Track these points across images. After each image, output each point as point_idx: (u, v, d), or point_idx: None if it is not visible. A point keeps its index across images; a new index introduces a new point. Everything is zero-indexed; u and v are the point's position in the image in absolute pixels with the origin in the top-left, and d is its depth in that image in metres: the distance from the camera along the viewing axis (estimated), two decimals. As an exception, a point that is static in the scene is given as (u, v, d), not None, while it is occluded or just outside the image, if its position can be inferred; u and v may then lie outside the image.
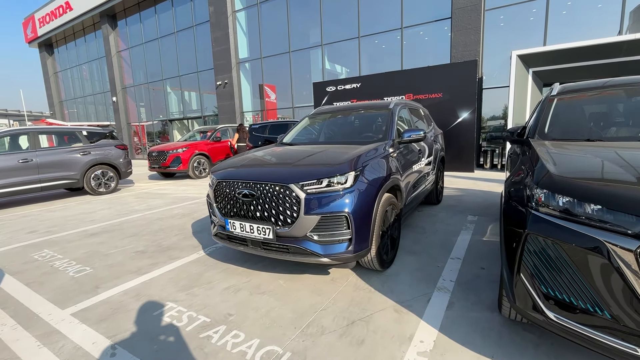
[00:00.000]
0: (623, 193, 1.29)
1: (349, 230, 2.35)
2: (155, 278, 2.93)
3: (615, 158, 1.62)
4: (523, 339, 1.90)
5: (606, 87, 2.55)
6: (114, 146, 7.87)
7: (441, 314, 2.19)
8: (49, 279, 3.01)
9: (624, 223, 1.23)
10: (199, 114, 17.83)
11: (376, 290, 2.54)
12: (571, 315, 1.36)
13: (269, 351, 1.87)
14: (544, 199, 1.52)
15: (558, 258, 1.40)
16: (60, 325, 2.25)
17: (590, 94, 2.56)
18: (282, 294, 2.53)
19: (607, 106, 2.51)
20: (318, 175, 2.37)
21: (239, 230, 2.58)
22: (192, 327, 2.15)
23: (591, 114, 2.53)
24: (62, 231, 4.61)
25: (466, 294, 2.43)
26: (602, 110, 2.51)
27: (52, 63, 26.11)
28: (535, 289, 1.50)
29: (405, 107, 4.13)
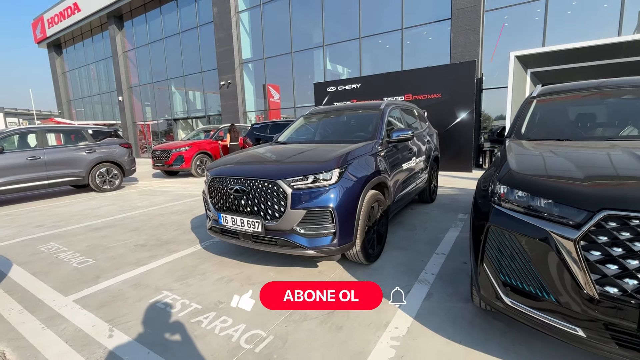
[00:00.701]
0: (568, 188, 1.41)
1: (333, 224, 2.48)
2: (153, 269, 3.09)
3: (574, 157, 1.73)
4: (492, 327, 2.02)
5: (584, 89, 2.65)
6: (119, 145, 8.09)
7: (419, 304, 2.31)
8: (54, 269, 3.19)
9: (567, 215, 1.35)
10: (203, 114, 18.07)
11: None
12: (523, 300, 1.48)
13: (253, 335, 2.01)
14: (505, 194, 1.64)
15: (514, 248, 1.52)
16: (63, 310, 2.41)
17: (567, 95, 2.66)
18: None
19: (582, 108, 2.61)
20: (304, 172, 2.51)
21: (230, 223, 2.73)
22: (185, 313, 2.30)
23: (566, 115, 2.63)
24: (67, 225, 4.81)
25: (445, 286, 2.55)
26: (577, 112, 2.61)
27: (61, 63, 26.59)
28: (495, 277, 1.62)
29: (397, 108, 4.25)
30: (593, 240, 1.27)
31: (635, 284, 1.19)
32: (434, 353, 1.80)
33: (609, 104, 2.52)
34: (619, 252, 1.22)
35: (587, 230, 1.27)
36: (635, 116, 2.42)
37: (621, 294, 1.21)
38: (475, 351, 1.81)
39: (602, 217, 1.25)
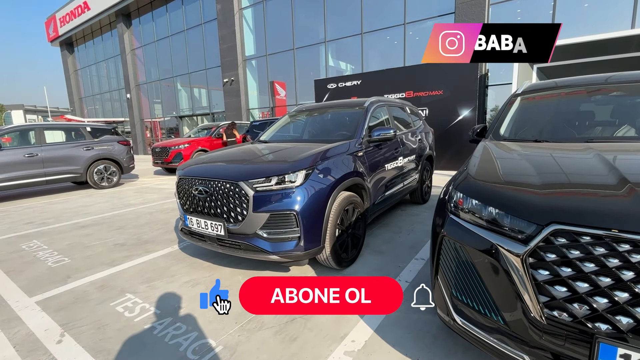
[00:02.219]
0: (519, 197, 1.26)
1: (297, 228, 2.37)
2: (124, 270, 3.05)
3: (540, 161, 1.56)
4: (455, 343, 1.87)
5: (571, 86, 2.44)
6: (117, 142, 8.14)
7: (382, 314, 2.18)
8: (28, 268, 3.18)
9: (518, 227, 1.20)
10: (207, 111, 18.14)
11: (329, 288, 2.54)
12: (472, 320, 1.34)
13: (202, 344, 1.92)
14: (461, 201, 1.49)
15: (465, 262, 1.38)
16: (22, 312, 2.38)
17: (552, 93, 2.46)
18: (237, 290, 2.57)
19: (566, 107, 2.40)
20: (267, 173, 2.40)
21: (196, 226, 2.65)
22: (141, 317, 2.23)
23: (548, 114, 2.42)
24: (55, 223, 4.84)
25: (416, 295, 2.40)
26: (560, 111, 2.40)
27: (73, 61, 27.13)
28: (447, 293, 1.48)
29: (384, 106, 4.08)
30: (541, 258, 1.12)
31: (585, 309, 1.04)
32: (385, 371, 1.67)
33: (597, 102, 2.32)
34: (568, 273, 1.06)
35: (535, 245, 1.12)
36: (627, 115, 2.22)
37: (571, 320, 1.06)
38: (431, 370, 1.68)
39: (550, 232, 1.09)
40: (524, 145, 1.92)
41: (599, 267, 1.02)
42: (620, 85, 2.29)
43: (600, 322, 1.01)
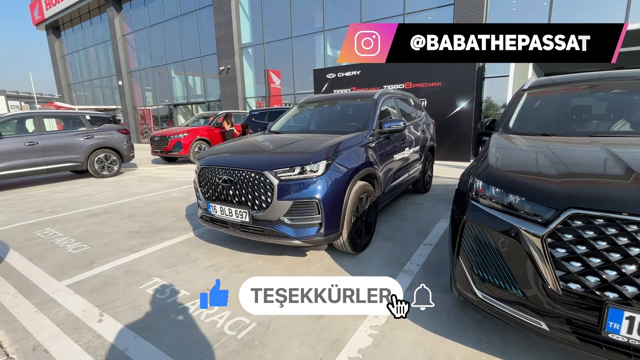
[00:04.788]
0: (538, 185, 1.42)
1: (319, 215, 2.52)
2: (146, 256, 3.16)
3: (552, 153, 1.73)
4: (469, 318, 2.07)
5: (577, 82, 2.61)
6: (117, 130, 8.10)
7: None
8: (49, 255, 3.27)
9: (537, 212, 1.37)
10: (202, 99, 17.95)
11: (346, 271, 2.72)
12: (494, 294, 1.52)
13: (237, 321, 2.08)
14: (482, 190, 1.65)
15: (487, 243, 1.55)
16: (56, 294, 2.49)
17: (558, 89, 2.62)
18: (259, 273, 2.73)
19: (572, 102, 2.58)
20: (291, 163, 2.53)
21: (219, 213, 2.77)
22: (172, 299, 2.37)
23: (555, 109, 2.60)
24: (64, 211, 4.89)
25: (428, 277, 2.60)
26: (567, 106, 2.58)
27: (60, 46, 26.28)
28: (469, 271, 1.65)
29: (392, 97, 4.21)
30: (559, 238, 1.29)
31: (596, 281, 1.22)
32: (409, 342, 1.86)
33: (600, 98, 2.50)
34: (583, 251, 1.24)
35: (554, 228, 1.29)
36: (627, 111, 2.40)
37: (583, 290, 1.24)
38: (449, 341, 1.87)
39: (568, 216, 1.27)
40: (535, 139, 2.09)
41: (610, 245, 1.20)
42: (620, 82, 2.47)
43: (609, 291, 1.20)
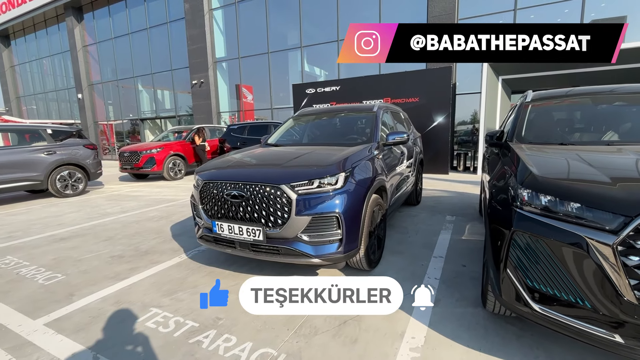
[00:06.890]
0: (601, 192, 1.41)
1: (339, 230, 2.37)
2: (136, 283, 2.81)
3: (587, 160, 1.76)
4: (507, 331, 2.00)
5: (572, 95, 2.77)
6: (82, 145, 7.44)
7: (429, 310, 2.26)
8: (15, 288, 2.79)
9: (602, 220, 1.34)
10: (172, 114, 17.24)
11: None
12: (555, 307, 1.46)
13: (263, 353, 1.85)
14: (528, 198, 1.62)
15: (542, 253, 1.50)
16: (32, 336, 2.09)
17: (558, 101, 2.76)
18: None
19: (575, 113, 2.72)
20: (309, 176, 2.38)
21: (227, 232, 2.53)
22: (180, 332, 2.08)
23: (561, 119, 2.73)
24: (26, 236, 4.29)
25: (451, 290, 2.53)
26: (571, 117, 2.72)
27: (9, 55, 24.25)
28: (521, 283, 1.59)
29: (388, 111, 4.23)
30: (631, 245, 1.26)
31: (674, 288, 1.20)
32: (458, 363, 1.75)
33: (601, 110, 2.65)
34: (658, 257, 1.22)
35: (626, 235, 1.26)
36: (625, 122, 2.55)
37: (660, 298, 1.21)
38: (495, 358, 1.78)
39: (640, 222, 1.25)
40: (556, 148, 2.13)
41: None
42: (618, 95, 2.65)
43: (689, 298, 1.17)
